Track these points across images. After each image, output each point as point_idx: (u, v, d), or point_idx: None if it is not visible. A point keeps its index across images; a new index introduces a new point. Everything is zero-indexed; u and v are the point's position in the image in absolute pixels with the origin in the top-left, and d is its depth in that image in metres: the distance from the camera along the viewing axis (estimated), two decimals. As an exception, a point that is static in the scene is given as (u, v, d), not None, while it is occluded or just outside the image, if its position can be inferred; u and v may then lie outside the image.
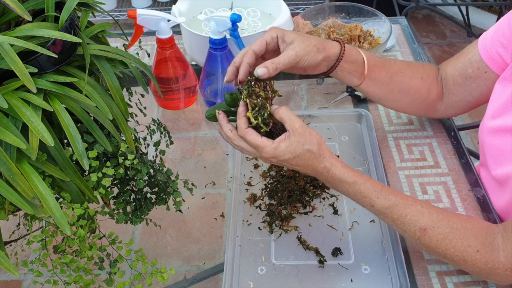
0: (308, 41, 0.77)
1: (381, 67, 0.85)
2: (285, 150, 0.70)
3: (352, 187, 0.72)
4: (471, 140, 2.23)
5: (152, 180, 0.73)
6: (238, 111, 0.72)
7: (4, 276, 0.83)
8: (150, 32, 1.00)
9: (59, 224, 0.56)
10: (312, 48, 0.77)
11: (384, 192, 0.71)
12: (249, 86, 0.73)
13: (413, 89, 0.89)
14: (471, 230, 0.69)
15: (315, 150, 0.71)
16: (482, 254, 0.67)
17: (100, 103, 0.62)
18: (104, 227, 0.71)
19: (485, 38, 0.84)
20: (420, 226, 0.69)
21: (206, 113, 0.77)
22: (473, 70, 0.85)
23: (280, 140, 0.70)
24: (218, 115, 0.76)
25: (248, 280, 0.77)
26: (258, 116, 0.71)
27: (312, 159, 0.71)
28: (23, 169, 0.55)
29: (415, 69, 0.89)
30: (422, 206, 0.71)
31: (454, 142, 0.98)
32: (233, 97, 0.75)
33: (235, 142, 0.74)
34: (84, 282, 0.67)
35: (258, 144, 0.71)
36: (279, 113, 0.72)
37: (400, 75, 0.87)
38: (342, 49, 0.80)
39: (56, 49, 0.60)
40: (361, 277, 0.77)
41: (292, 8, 2.68)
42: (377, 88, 0.87)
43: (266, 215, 0.86)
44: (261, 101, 0.72)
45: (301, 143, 0.70)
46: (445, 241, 0.69)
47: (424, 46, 2.84)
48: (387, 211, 0.71)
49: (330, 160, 0.72)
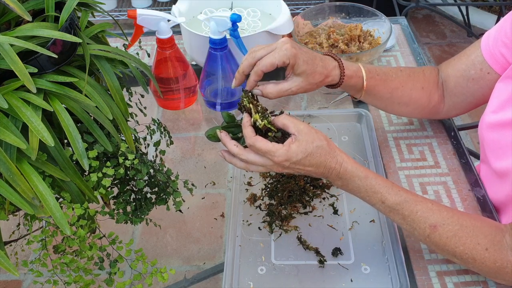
0: (313, 78, 0.79)
1: (381, 85, 0.87)
2: (297, 150, 0.70)
3: (364, 182, 0.72)
4: (471, 140, 2.23)
5: (152, 180, 0.73)
6: (242, 122, 0.72)
7: (4, 276, 0.83)
8: (150, 32, 1.00)
9: (59, 224, 0.56)
10: (313, 86, 0.80)
11: (395, 188, 0.72)
12: (247, 96, 0.75)
13: (414, 100, 0.90)
14: (480, 228, 0.69)
15: (325, 145, 0.71)
16: (491, 253, 0.68)
17: (100, 103, 0.62)
18: (104, 227, 0.71)
19: (487, 39, 0.84)
20: (430, 223, 0.69)
21: (206, 133, 0.77)
22: (476, 72, 0.85)
23: (290, 143, 0.70)
24: (220, 134, 0.75)
25: (248, 280, 0.77)
26: (264, 118, 0.72)
27: (324, 154, 0.71)
28: (23, 169, 0.55)
29: (415, 79, 0.89)
30: (432, 204, 0.71)
31: (454, 142, 0.98)
32: (231, 115, 0.76)
33: (243, 156, 0.72)
34: (84, 282, 0.67)
35: (270, 148, 0.69)
36: (280, 120, 0.72)
37: (401, 89, 0.88)
38: (341, 79, 0.82)
39: (56, 49, 0.60)
40: (361, 277, 0.77)
41: (292, 8, 2.68)
42: (377, 101, 0.90)
43: (266, 215, 0.86)
44: (261, 108, 0.73)
45: (310, 141, 0.70)
46: (454, 239, 0.69)
47: (424, 46, 2.84)
48: (398, 207, 0.71)
49: (341, 154, 0.72)
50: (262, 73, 0.77)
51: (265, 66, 0.76)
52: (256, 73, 0.77)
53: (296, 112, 1.04)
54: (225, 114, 0.77)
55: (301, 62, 0.77)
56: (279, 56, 0.76)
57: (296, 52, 0.76)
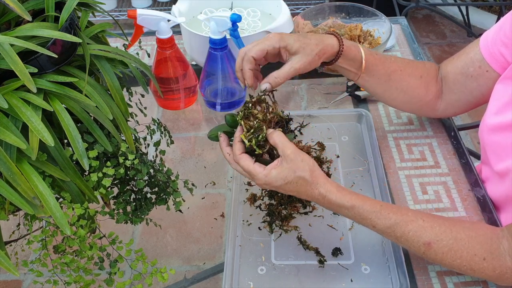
0: (310, 50, 0.78)
1: (380, 65, 0.86)
2: (277, 177, 0.70)
3: (351, 211, 0.71)
4: (471, 140, 2.23)
5: (152, 180, 0.73)
6: (235, 135, 0.73)
7: (4, 276, 0.83)
8: (150, 32, 1.00)
9: (59, 224, 0.56)
10: (314, 58, 0.79)
11: (383, 212, 0.70)
12: (246, 108, 0.74)
13: (411, 88, 0.89)
14: (476, 238, 0.69)
15: (307, 176, 0.70)
16: (489, 262, 0.67)
17: (100, 103, 0.62)
18: (104, 227, 0.71)
19: (486, 37, 0.84)
20: (424, 241, 0.69)
21: (209, 133, 0.78)
22: (474, 69, 0.85)
23: (272, 167, 0.71)
24: (220, 137, 0.76)
25: (248, 280, 0.77)
26: (252, 138, 0.71)
27: (305, 185, 0.71)
28: (23, 169, 0.55)
29: (414, 67, 0.89)
30: (423, 220, 0.70)
31: (454, 142, 0.98)
32: (234, 118, 0.76)
33: (233, 165, 0.75)
34: (85, 282, 0.67)
35: (250, 170, 0.71)
36: (273, 138, 0.71)
37: (399, 73, 0.87)
38: (340, 47, 0.81)
39: (56, 49, 0.60)
40: (361, 277, 0.77)
41: (292, 8, 2.68)
42: (375, 84, 0.88)
43: (266, 215, 0.86)
44: (257, 123, 0.72)
45: (292, 170, 0.70)
46: (450, 253, 0.68)
47: (424, 46, 2.84)
48: (389, 230, 0.70)
49: (325, 186, 0.71)
50: (254, 60, 0.77)
51: (254, 52, 0.77)
52: (248, 61, 0.77)
53: (296, 112, 1.04)
54: (229, 117, 0.76)
55: (292, 41, 0.78)
56: (268, 42, 0.77)
57: (283, 36, 0.78)
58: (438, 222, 0.70)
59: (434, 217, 0.71)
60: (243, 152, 0.73)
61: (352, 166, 0.94)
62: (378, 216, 0.70)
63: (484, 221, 0.83)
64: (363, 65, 0.84)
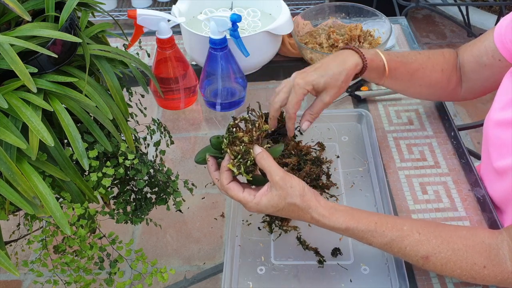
0: (335, 80, 0.79)
1: (401, 67, 0.87)
2: (267, 205, 0.70)
3: (346, 233, 0.71)
4: (471, 140, 2.23)
5: (152, 180, 0.73)
6: (222, 164, 0.72)
7: (4, 276, 0.83)
8: (150, 32, 1.00)
9: (59, 224, 0.56)
10: (341, 85, 0.80)
11: (378, 230, 0.70)
12: (230, 133, 0.72)
13: (434, 82, 0.91)
14: (473, 247, 0.68)
15: (298, 202, 0.69)
16: (490, 269, 0.67)
17: (100, 103, 0.62)
18: (104, 227, 0.71)
19: (500, 27, 0.85)
20: (422, 255, 0.69)
21: (196, 158, 0.76)
22: (487, 58, 0.86)
23: (262, 194, 0.70)
24: (208, 161, 0.74)
25: (248, 280, 0.77)
26: (241, 165, 0.70)
27: (297, 211, 0.70)
28: (23, 169, 0.55)
29: (435, 61, 0.90)
30: (419, 234, 0.69)
31: (454, 142, 0.98)
32: (220, 140, 0.73)
33: (223, 191, 0.74)
34: (85, 282, 0.67)
35: (240, 200, 0.71)
36: (261, 163, 0.70)
37: (421, 71, 0.89)
38: (364, 63, 0.82)
39: (56, 49, 0.60)
40: (360, 277, 0.77)
41: (292, 8, 2.68)
42: (399, 84, 0.90)
43: (265, 215, 0.86)
44: (244, 147, 0.71)
45: (282, 197, 0.69)
46: (449, 264, 0.68)
47: (424, 46, 2.84)
48: (386, 247, 0.70)
49: (317, 210, 0.70)
50: (295, 115, 0.79)
51: (294, 109, 0.79)
52: (290, 118, 0.79)
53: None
54: (214, 140, 0.74)
55: (317, 80, 0.79)
56: (299, 91, 0.78)
57: (306, 77, 0.79)
58: (434, 234, 0.69)
59: (430, 227, 0.71)
60: (232, 181, 0.72)
61: (352, 166, 0.94)
62: (373, 235, 0.70)
63: (483, 222, 0.83)
64: (386, 72, 0.86)
